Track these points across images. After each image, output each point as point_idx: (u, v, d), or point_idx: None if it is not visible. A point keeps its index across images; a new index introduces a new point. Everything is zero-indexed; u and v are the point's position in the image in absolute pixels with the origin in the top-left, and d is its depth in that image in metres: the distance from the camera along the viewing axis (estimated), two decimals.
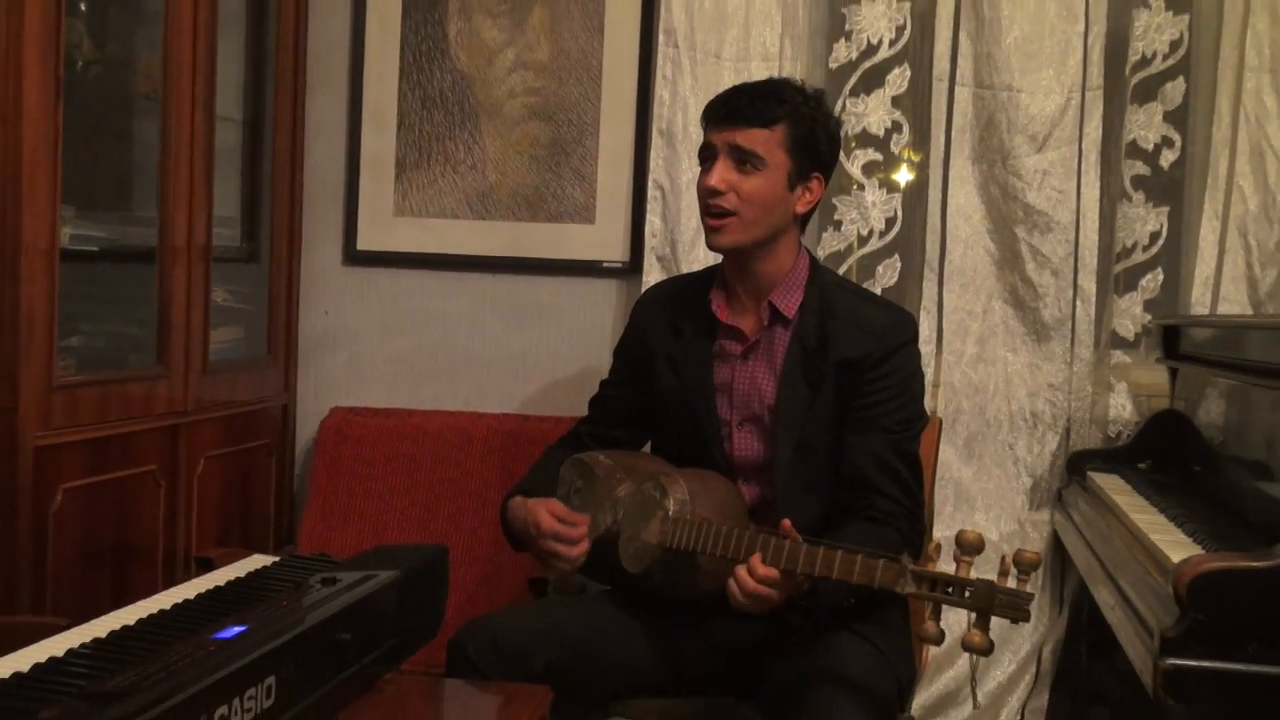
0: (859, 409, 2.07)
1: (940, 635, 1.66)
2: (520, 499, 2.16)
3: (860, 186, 2.93)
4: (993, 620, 1.61)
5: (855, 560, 1.71)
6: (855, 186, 2.93)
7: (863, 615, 2.02)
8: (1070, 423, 2.83)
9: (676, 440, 2.23)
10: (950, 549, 1.66)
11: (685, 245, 2.85)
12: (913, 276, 2.92)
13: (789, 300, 2.13)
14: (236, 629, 1.34)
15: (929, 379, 2.83)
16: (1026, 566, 1.58)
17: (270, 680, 1.28)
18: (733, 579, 1.83)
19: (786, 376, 2.11)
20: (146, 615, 1.48)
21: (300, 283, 3.10)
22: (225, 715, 1.19)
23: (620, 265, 3.00)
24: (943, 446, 2.74)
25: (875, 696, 1.88)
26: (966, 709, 2.80)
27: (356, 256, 3.11)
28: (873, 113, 2.91)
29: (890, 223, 2.94)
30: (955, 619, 1.66)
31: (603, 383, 2.38)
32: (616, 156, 3.00)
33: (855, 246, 2.94)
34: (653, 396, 2.26)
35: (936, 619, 1.66)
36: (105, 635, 1.39)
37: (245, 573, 1.73)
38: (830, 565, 1.74)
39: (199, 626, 1.39)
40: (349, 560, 1.73)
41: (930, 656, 2.60)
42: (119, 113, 2.71)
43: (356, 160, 3.09)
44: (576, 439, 2.34)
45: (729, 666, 2.11)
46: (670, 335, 2.23)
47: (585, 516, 2.08)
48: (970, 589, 1.60)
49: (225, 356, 2.81)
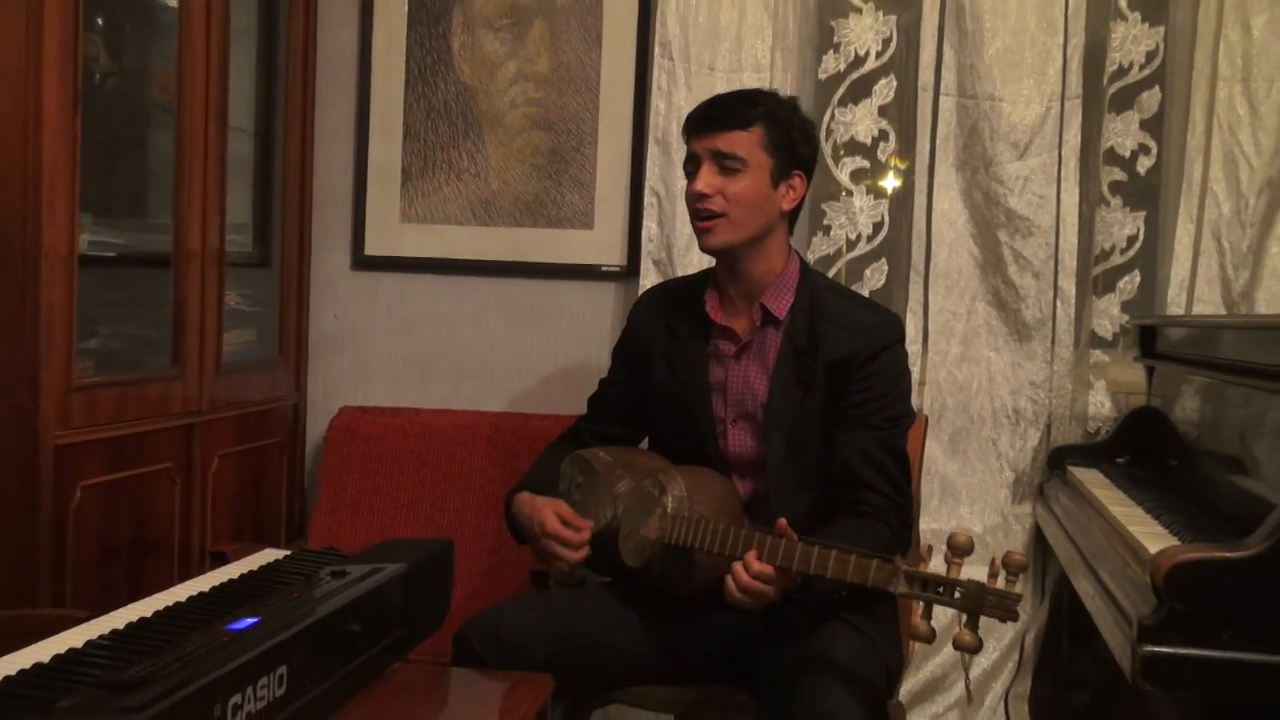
0: (848, 407, 2.07)
1: (932, 634, 1.67)
2: (528, 495, 2.16)
3: (849, 193, 2.93)
4: (981, 619, 1.61)
5: (849, 560, 1.71)
6: (844, 193, 2.93)
7: (854, 606, 2.02)
8: (1051, 419, 2.83)
9: (673, 437, 2.24)
10: (941, 550, 1.67)
11: (680, 250, 2.85)
12: (899, 279, 2.92)
13: (780, 302, 2.13)
14: (249, 620, 1.34)
15: (915, 378, 2.82)
16: (1015, 568, 1.58)
17: (282, 669, 1.28)
18: (730, 576, 1.83)
19: (778, 375, 2.12)
20: (163, 607, 1.48)
21: (310, 286, 3.09)
22: (239, 704, 1.19)
23: (618, 269, 3.00)
24: (929, 442, 2.74)
25: (865, 683, 1.88)
26: (952, 695, 2.80)
27: (364, 261, 3.10)
28: (860, 122, 2.91)
29: (878, 227, 2.94)
30: (940, 610, 1.66)
31: (602, 381, 2.38)
32: (614, 164, 3.00)
33: (844, 250, 2.94)
34: (650, 395, 2.26)
35: (928, 618, 1.66)
36: (123, 627, 1.39)
37: (258, 566, 1.73)
38: (825, 564, 1.74)
39: (213, 618, 1.39)
40: (358, 554, 1.73)
41: (917, 645, 2.60)
42: (135, 123, 2.70)
43: (364, 169, 3.09)
44: (577, 436, 2.35)
45: (725, 655, 2.11)
46: (666, 336, 2.23)
47: (589, 522, 2.09)
48: (960, 590, 1.60)
49: (238, 358, 2.81)
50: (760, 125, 2.08)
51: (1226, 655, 1.48)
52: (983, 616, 1.60)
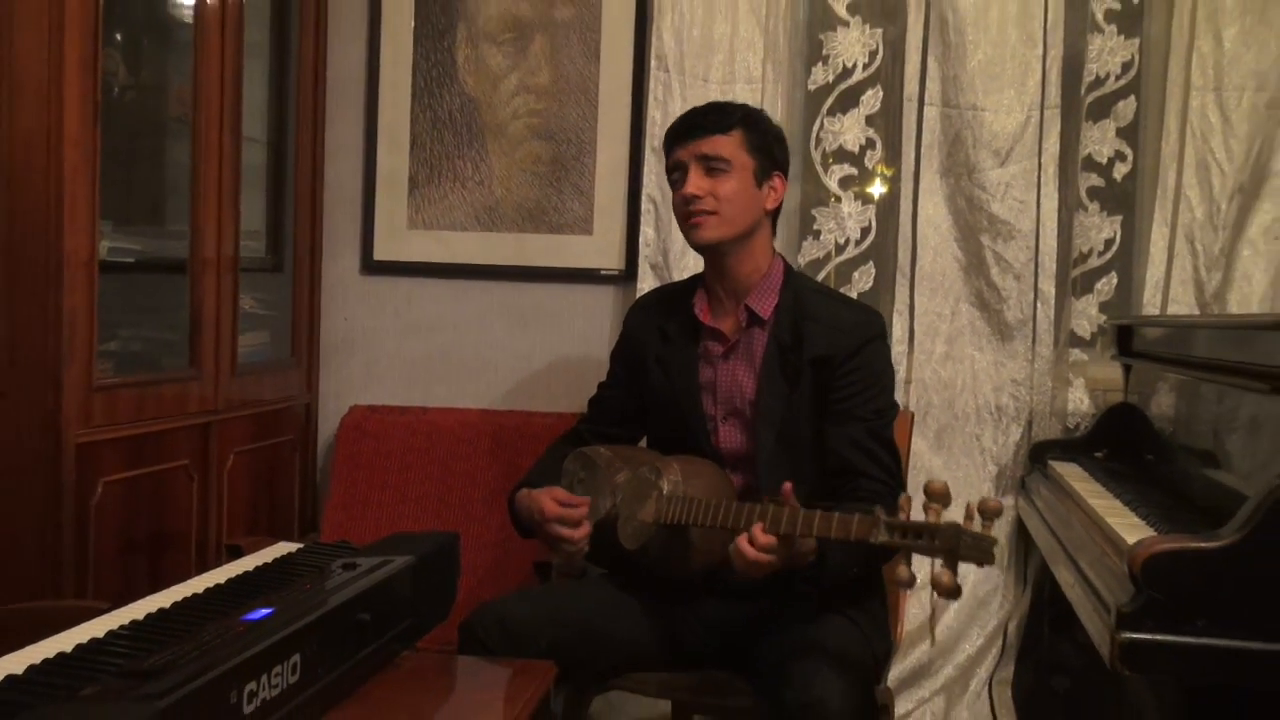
0: (835, 402, 2.08)
1: (911, 579, 1.66)
2: (526, 490, 2.17)
3: (837, 199, 2.93)
4: (961, 568, 1.60)
5: (833, 518, 1.72)
6: (833, 199, 2.93)
7: (846, 597, 2.03)
8: (1032, 415, 2.83)
9: (668, 435, 2.24)
10: (920, 500, 1.66)
11: (676, 254, 2.85)
12: (886, 282, 2.92)
13: (765, 303, 2.14)
14: (264, 611, 1.34)
15: (902, 376, 2.84)
16: (990, 513, 1.58)
17: (296, 658, 1.28)
18: (733, 547, 1.83)
19: (765, 373, 2.13)
20: (180, 599, 1.48)
21: (321, 290, 3.09)
22: (254, 691, 1.19)
23: (616, 273, 3.00)
24: (915, 438, 2.75)
25: (855, 668, 1.88)
26: (938, 681, 2.80)
27: (373, 266, 3.10)
28: (848, 131, 2.91)
29: (865, 232, 2.94)
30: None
31: (600, 384, 2.39)
32: (612, 172, 3.00)
33: (833, 254, 2.94)
34: (645, 395, 2.27)
35: (908, 564, 1.66)
36: (142, 617, 1.39)
37: (272, 559, 1.73)
38: (810, 524, 1.75)
39: (229, 609, 1.39)
40: (368, 547, 1.73)
41: (904, 633, 2.60)
42: (152, 135, 2.71)
43: (372, 177, 3.08)
44: (577, 436, 2.35)
45: (721, 642, 2.11)
46: (659, 339, 2.25)
47: (585, 499, 2.09)
48: (937, 534, 1.60)
49: (252, 359, 2.80)
50: (740, 129, 2.12)
51: (1201, 641, 1.48)
52: (961, 561, 1.59)
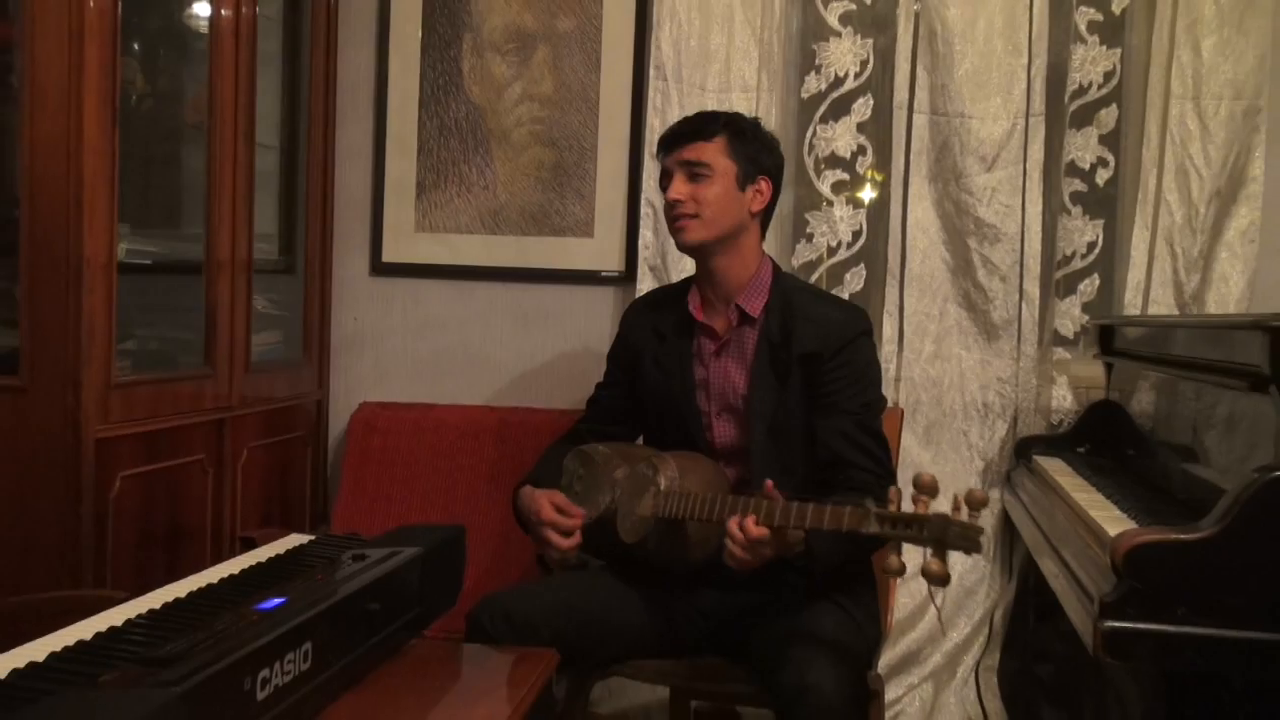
0: (823, 396, 2.09)
1: (902, 567, 1.66)
2: (529, 488, 2.17)
3: (829, 203, 2.93)
4: (950, 556, 1.60)
5: (825, 510, 1.73)
6: (825, 203, 2.93)
7: (838, 586, 2.03)
8: (1017, 412, 2.83)
9: (664, 431, 2.25)
10: (909, 493, 1.66)
11: (674, 256, 2.84)
12: (876, 283, 2.92)
13: (754, 302, 2.15)
14: (277, 600, 1.34)
15: (892, 374, 2.84)
16: (977, 503, 1.58)
17: (307, 646, 1.28)
18: (727, 538, 1.83)
19: (756, 369, 2.13)
20: (196, 589, 1.48)
21: (332, 291, 3.09)
22: (267, 678, 1.19)
23: (616, 274, 3.00)
24: (904, 434, 2.75)
25: (847, 655, 1.88)
26: (927, 668, 2.80)
27: (382, 268, 3.10)
28: (840, 138, 2.91)
29: (856, 235, 2.93)
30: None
31: (598, 385, 2.40)
32: (613, 178, 3.00)
33: (825, 257, 2.94)
34: (642, 394, 2.28)
35: (898, 554, 1.65)
36: (159, 607, 1.39)
37: (284, 550, 1.73)
38: (804, 516, 1.75)
39: (243, 598, 1.39)
40: (377, 539, 1.73)
41: (895, 622, 2.60)
42: (169, 141, 2.70)
43: (381, 182, 3.08)
44: (577, 435, 2.36)
45: (718, 630, 2.11)
46: (654, 339, 2.25)
47: (580, 510, 2.10)
48: (925, 525, 1.59)
49: (265, 357, 2.80)
50: (723, 135, 2.13)
51: (1181, 630, 1.48)
52: (949, 549, 1.59)
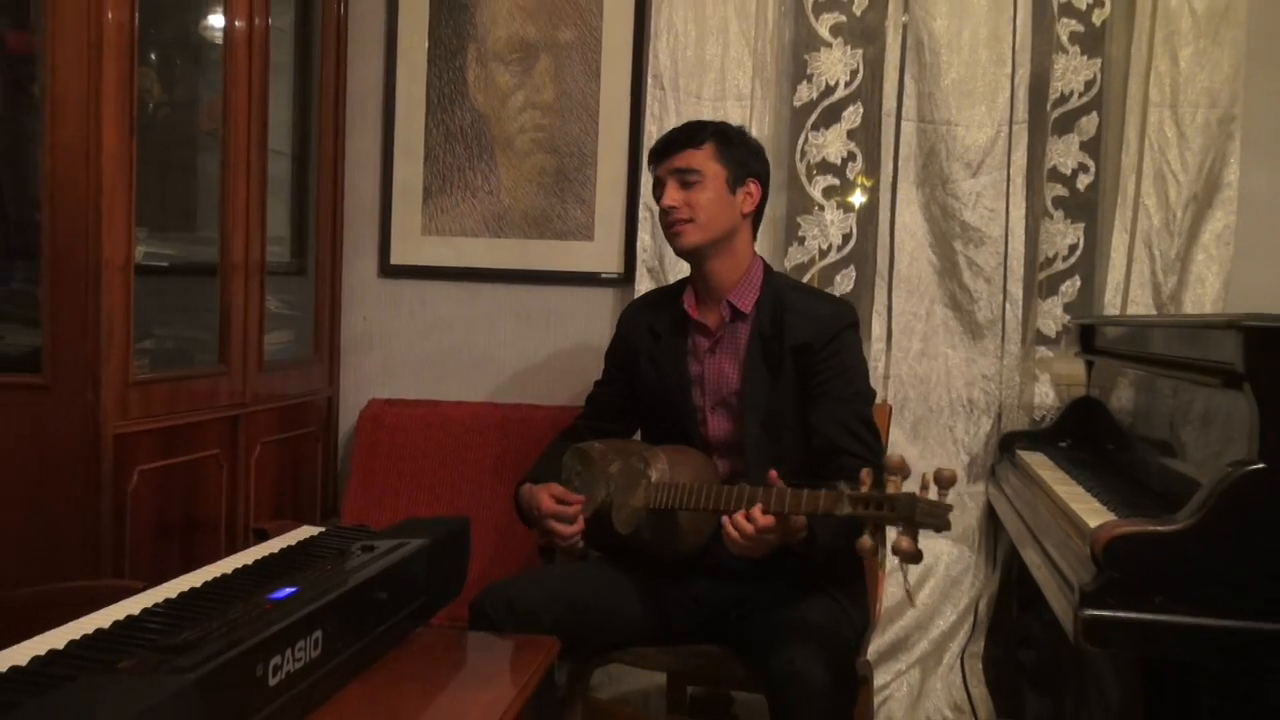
0: (815, 385, 2.09)
1: (875, 548, 1.66)
2: (529, 486, 2.18)
3: (821, 208, 2.93)
4: (924, 536, 1.60)
5: (803, 494, 1.73)
6: (816, 207, 2.93)
7: (828, 576, 2.03)
8: (1001, 408, 2.83)
9: (660, 427, 2.25)
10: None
11: (671, 258, 2.84)
12: (866, 284, 2.92)
13: (746, 299, 2.16)
14: (288, 590, 1.34)
15: (880, 372, 2.84)
16: (945, 482, 1.58)
17: (318, 634, 1.28)
18: (732, 524, 1.82)
19: (748, 363, 2.14)
20: (211, 578, 1.48)
21: (342, 292, 3.09)
22: (279, 664, 1.19)
23: (616, 276, 3.00)
24: (893, 429, 2.75)
25: (836, 642, 1.88)
26: (914, 654, 2.80)
27: (390, 270, 3.10)
28: (831, 144, 2.91)
29: (846, 238, 2.93)
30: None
31: (596, 383, 2.40)
32: (612, 183, 3.00)
33: (817, 259, 2.94)
34: (638, 391, 2.28)
35: (872, 535, 1.65)
36: (175, 596, 1.39)
37: (296, 541, 1.73)
38: (783, 500, 1.76)
39: (256, 588, 1.39)
40: (385, 531, 1.73)
41: (883, 610, 2.60)
42: (185, 148, 2.70)
43: (389, 187, 3.08)
44: (575, 432, 2.36)
45: (712, 618, 2.11)
46: (650, 338, 2.25)
47: (580, 497, 2.11)
48: (895, 504, 1.60)
49: (278, 356, 2.80)
50: (710, 142, 2.14)
51: (1158, 618, 1.48)
52: (919, 527, 1.59)
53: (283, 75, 2.85)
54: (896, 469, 1.62)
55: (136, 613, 1.30)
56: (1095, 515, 1.79)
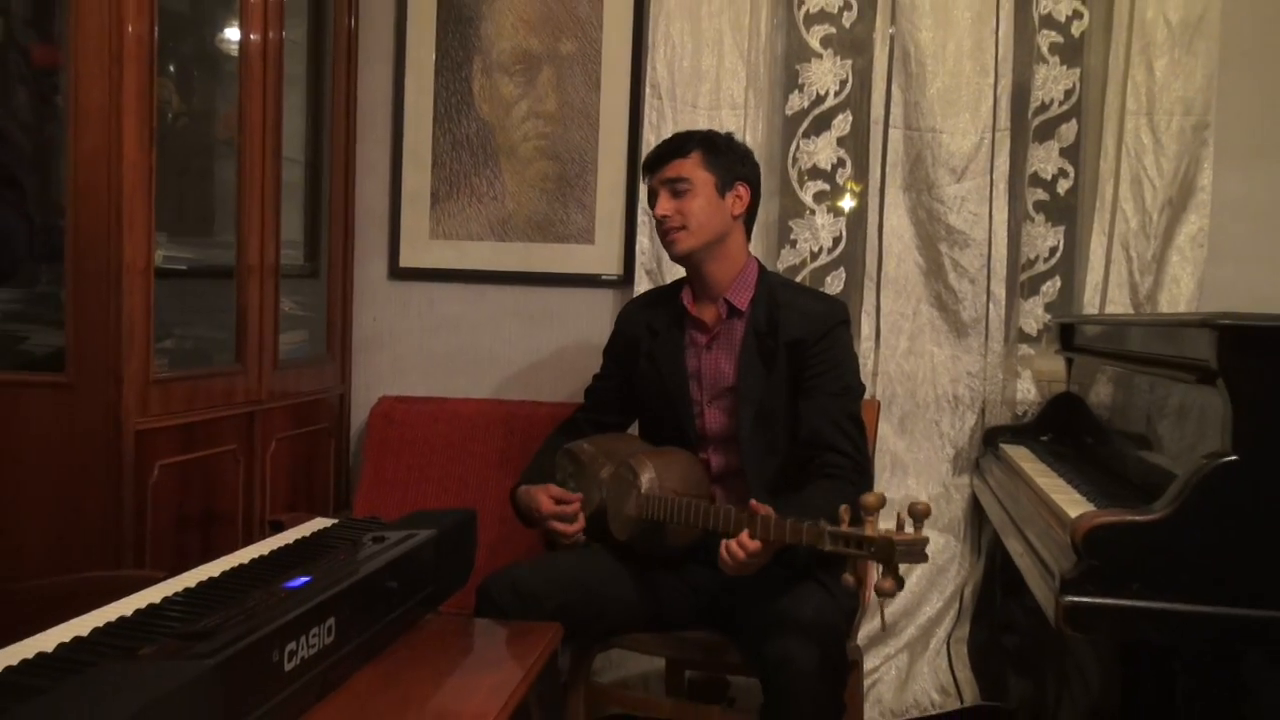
0: (807, 379, 2.10)
1: (858, 584, 1.67)
2: (525, 487, 2.19)
3: (812, 212, 2.93)
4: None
5: (786, 525, 1.73)
6: (808, 212, 2.93)
7: (818, 565, 2.03)
8: (985, 403, 2.83)
9: (658, 420, 2.25)
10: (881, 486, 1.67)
11: (668, 261, 2.81)
12: (855, 285, 2.92)
13: (741, 296, 2.16)
14: (303, 579, 1.34)
15: (869, 369, 2.84)
16: (919, 516, 1.58)
17: (331, 620, 1.28)
18: (724, 551, 1.83)
19: (744, 357, 2.14)
20: (228, 568, 1.48)
21: (353, 294, 3.09)
22: (294, 650, 1.19)
23: (615, 278, 3.00)
24: (881, 424, 2.75)
25: (827, 628, 1.88)
26: (903, 640, 2.80)
27: (399, 272, 3.10)
28: (821, 151, 2.91)
29: (837, 241, 2.93)
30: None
31: (595, 377, 2.40)
32: (612, 189, 3.00)
33: (808, 261, 2.94)
34: (637, 386, 2.28)
35: (853, 571, 1.66)
36: (194, 585, 1.39)
37: (309, 533, 1.73)
38: (768, 528, 1.76)
39: (272, 577, 1.39)
40: (395, 522, 1.73)
41: (870, 597, 2.60)
42: (202, 156, 2.70)
43: (398, 193, 3.08)
44: (574, 424, 2.37)
45: (707, 606, 2.12)
46: (648, 335, 2.26)
47: (578, 495, 2.12)
48: (873, 546, 1.60)
49: (292, 355, 2.80)
50: (697, 150, 2.15)
51: (1136, 604, 1.48)
52: (899, 564, 1.59)
53: (296, 86, 2.85)
54: (874, 508, 1.62)
55: (157, 601, 1.30)
56: (1075, 506, 1.79)
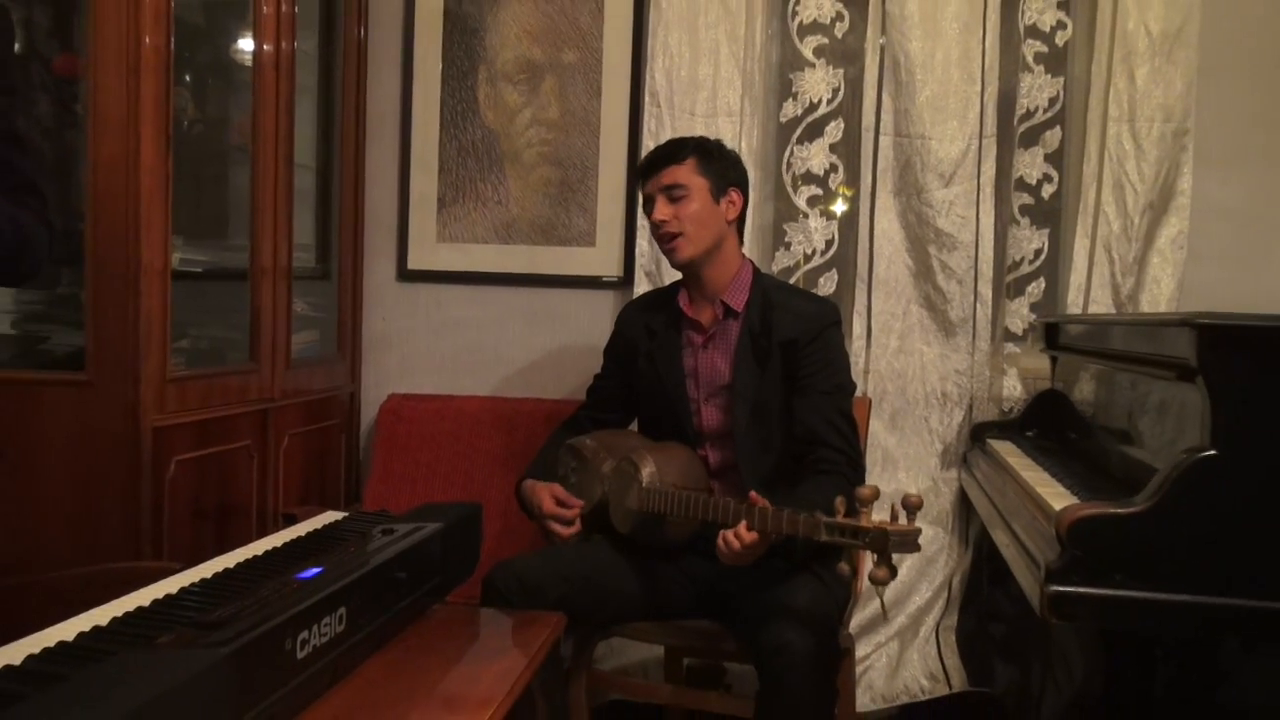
0: (801, 378, 2.09)
1: (852, 573, 1.67)
2: (530, 482, 2.19)
3: (805, 215, 2.93)
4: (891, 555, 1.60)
5: (784, 516, 1.73)
6: (801, 215, 2.93)
7: (813, 555, 2.03)
8: (973, 400, 2.83)
9: (656, 417, 2.25)
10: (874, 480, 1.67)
11: (667, 263, 2.83)
12: (847, 286, 2.92)
13: (737, 298, 2.16)
14: (314, 570, 1.34)
15: (861, 367, 2.83)
16: (912, 508, 1.58)
17: (342, 610, 1.28)
18: (721, 541, 1.83)
19: (739, 357, 2.14)
20: (243, 560, 1.48)
21: (363, 295, 3.09)
22: (306, 638, 1.19)
23: (615, 279, 3.00)
24: (872, 420, 2.75)
25: (820, 617, 1.88)
26: (894, 627, 2.81)
27: (407, 274, 3.10)
28: (814, 157, 2.91)
29: (829, 244, 2.93)
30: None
31: (596, 376, 2.40)
32: (612, 193, 2.99)
33: (801, 263, 2.94)
34: (636, 385, 2.28)
35: (848, 561, 1.66)
36: (210, 576, 1.38)
37: (321, 525, 1.72)
38: (765, 519, 1.76)
39: (284, 568, 1.39)
40: (404, 515, 1.72)
41: (863, 586, 2.60)
42: (217, 162, 2.70)
43: (406, 198, 3.08)
44: (576, 421, 2.37)
45: (704, 595, 2.12)
46: (646, 336, 2.26)
47: (579, 501, 2.12)
48: (868, 536, 1.60)
49: (304, 354, 2.80)
50: (692, 157, 2.14)
51: (1118, 593, 1.48)
52: (892, 554, 1.59)
53: (307, 95, 2.85)
54: (868, 500, 1.62)
55: (174, 592, 1.30)
56: (1059, 499, 1.79)
